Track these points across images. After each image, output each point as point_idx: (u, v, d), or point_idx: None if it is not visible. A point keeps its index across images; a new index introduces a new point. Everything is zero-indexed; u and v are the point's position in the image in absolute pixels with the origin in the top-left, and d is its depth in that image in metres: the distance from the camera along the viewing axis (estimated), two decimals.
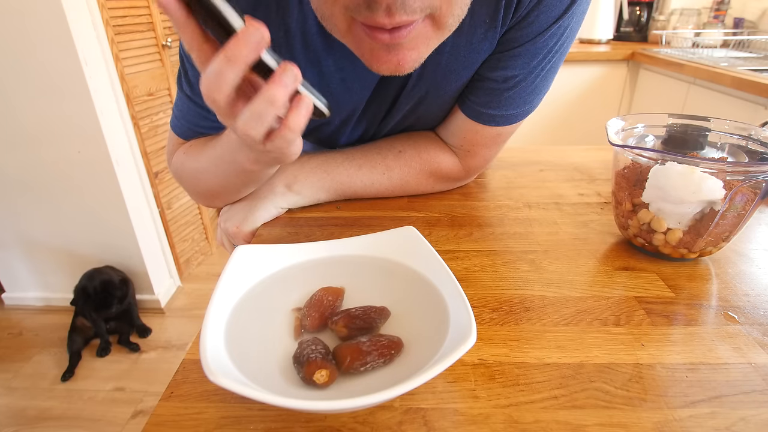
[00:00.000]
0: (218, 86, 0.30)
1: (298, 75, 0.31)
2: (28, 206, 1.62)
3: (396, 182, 0.56)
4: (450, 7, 0.34)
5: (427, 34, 0.36)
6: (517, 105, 0.50)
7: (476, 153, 0.56)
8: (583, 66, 1.97)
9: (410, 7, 0.32)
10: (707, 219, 0.39)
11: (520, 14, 0.43)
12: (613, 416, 0.27)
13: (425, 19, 0.34)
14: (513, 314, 0.36)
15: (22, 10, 1.31)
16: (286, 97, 0.31)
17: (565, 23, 0.44)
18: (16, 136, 1.50)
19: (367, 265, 0.38)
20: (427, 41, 0.36)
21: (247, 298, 0.34)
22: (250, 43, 0.28)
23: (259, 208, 0.52)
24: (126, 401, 1.43)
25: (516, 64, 0.47)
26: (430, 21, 0.35)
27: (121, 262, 1.71)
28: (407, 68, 0.37)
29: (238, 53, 0.28)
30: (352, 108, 0.53)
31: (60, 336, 1.65)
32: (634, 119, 0.48)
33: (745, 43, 1.87)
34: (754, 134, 0.44)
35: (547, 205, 0.55)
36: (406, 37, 0.34)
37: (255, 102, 0.31)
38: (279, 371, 0.30)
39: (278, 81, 0.30)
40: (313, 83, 0.49)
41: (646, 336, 0.34)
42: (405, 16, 0.32)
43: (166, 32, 1.78)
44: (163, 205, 1.82)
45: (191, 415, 0.28)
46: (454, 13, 0.35)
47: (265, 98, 0.31)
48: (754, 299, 0.38)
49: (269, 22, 0.45)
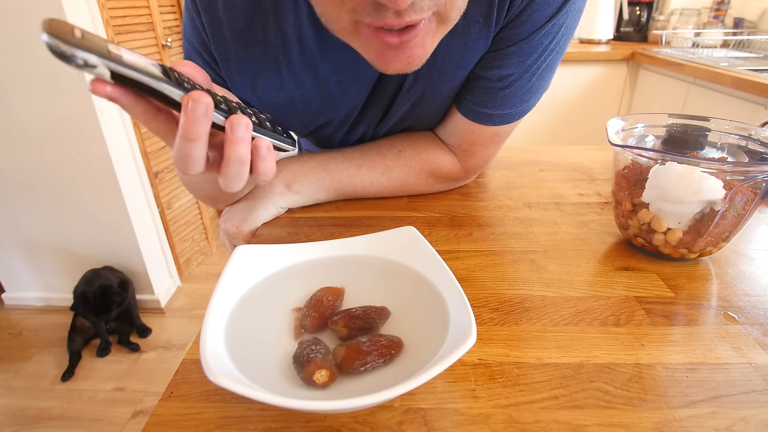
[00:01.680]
0: (191, 165, 0.31)
1: (248, 123, 0.32)
2: (28, 206, 1.62)
3: (395, 182, 0.56)
4: (453, 1, 0.34)
5: (432, 29, 0.36)
6: (513, 104, 0.50)
7: (474, 153, 0.56)
8: (583, 66, 1.97)
9: (419, 7, 0.32)
10: (707, 219, 0.39)
11: (513, 13, 0.43)
12: (613, 416, 0.27)
13: (431, 15, 0.34)
14: (513, 314, 0.36)
15: (22, 9, 1.31)
16: (248, 149, 0.32)
17: (560, 21, 0.44)
18: (16, 136, 1.50)
19: (367, 265, 0.38)
20: (433, 36, 0.37)
21: (247, 298, 0.34)
22: (198, 119, 0.29)
23: (259, 207, 0.52)
24: (126, 401, 1.43)
25: (511, 63, 0.47)
26: (436, 17, 0.35)
27: (121, 262, 1.71)
28: (416, 66, 0.37)
29: (192, 131, 0.29)
30: (350, 110, 0.53)
31: (60, 336, 1.65)
32: (634, 119, 0.48)
33: (745, 43, 1.87)
34: (754, 134, 0.44)
35: (547, 205, 0.55)
36: (414, 38, 0.34)
37: (227, 167, 0.32)
38: (279, 371, 0.30)
39: (233, 140, 0.31)
40: (310, 86, 0.49)
41: (646, 336, 0.34)
42: (414, 15, 0.32)
43: (166, 32, 1.78)
44: (163, 205, 1.82)
45: (191, 415, 0.28)
46: (458, 6, 0.35)
47: (234, 160, 0.32)
48: (754, 299, 0.38)
49: (267, 28, 0.46)
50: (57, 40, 0.24)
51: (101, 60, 0.25)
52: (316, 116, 0.53)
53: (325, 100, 0.51)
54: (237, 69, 0.49)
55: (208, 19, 0.46)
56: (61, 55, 0.24)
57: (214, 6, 0.45)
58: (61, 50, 0.24)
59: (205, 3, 0.45)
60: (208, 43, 0.48)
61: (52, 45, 0.24)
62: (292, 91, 0.50)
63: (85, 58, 0.25)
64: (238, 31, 0.46)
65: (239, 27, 0.46)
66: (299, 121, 0.55)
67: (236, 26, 0.46)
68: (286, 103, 0.51)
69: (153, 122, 0.31)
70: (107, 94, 0.28)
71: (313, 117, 0.53)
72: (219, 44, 0.47)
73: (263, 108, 0.52)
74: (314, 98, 0.51)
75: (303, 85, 0.49)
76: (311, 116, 0.53)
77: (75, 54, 0.24)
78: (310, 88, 0.49)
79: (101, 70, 0.26)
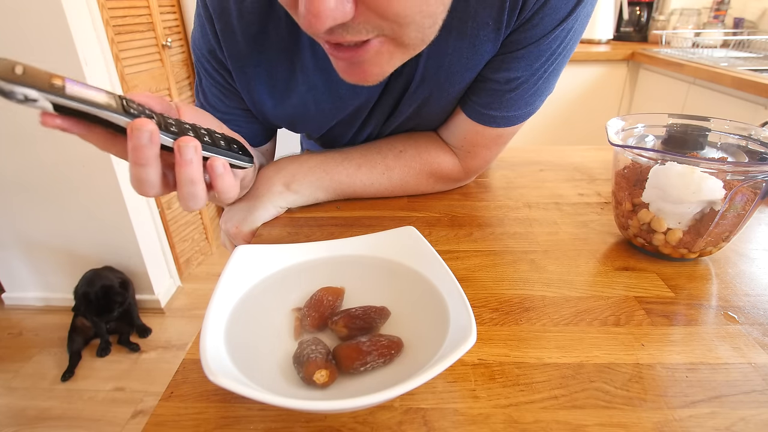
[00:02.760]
0: (146, 187, 0.33)
1: (197, 144, 0.33)
2: (28, 206, 1.62)
3: (395, 182, 0.56)
4: (403, 29, 0.33)
5: (389, 51, 0.35)
6: (518, 106, 0.50)
7: (476, 154, 0.56)
8: (583, 66, 1.97)
9: (354, 30, 0.32)
10: (707, 219, 0.39)
11: (525, 16, 0.43)
12: (613, 416, 0.27)
13: (382, 37, 0.34)
14: (513, 314, 0.36)
15: (22, 10, 1.31)
16: (198, 170, 0.33)
17: (569, 25, 0.44)
18: (16, 136, 1.49)
19: (367, 265, 0.38)
20: (390, 58, 0.36)
21: (247, 298, 0.34)
22: (144, 144, 0.30)
23: (258, 207, 0.52)
24: (126, 401, 1.43)
25: (519, 66, 0.47)
26: (390, 40, 0.34)
27: (121, 262, 1.71)
28: (371, 81, 0.38)
29: (141, 156, 0.31)
30: (360, 110, 0.53)
31: (60, 336, 1.65)
32: (634, 119, 0.48)
33: (745, 43, 1.87)
34: (754, 134, 0.44)
35: (547, 205, 0.55)
36: (363, 56, 0.35)
37: (180, 189, 0.33)
38: (279, 371, 0.30)
39: (182, 162, 0.32)
40: (322, 89, 0.50)
41: (646, 336, 0.34)
42: (349, 36, 0.32)
43: (166, 32, 1.78)
44: (163, 205, 1.82)
45: (191, 415, 0.28)
46: (410, 35, 0.34)
47: (185, 181, 0.33)
48: (754, 299, 0.38)
49: (280, 32, 0.46)
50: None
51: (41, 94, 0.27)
52: (328, 118, 0.54)
53: (337, 101, 0.51)
54: (252, 73, 0.49)
55: (222, 27, 0.47)
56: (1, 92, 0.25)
57: (227, 13, 0.46)
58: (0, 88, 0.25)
59: (219, 11, 0.46)
60: (217, 50, 0.49)
61: None
62: (305, 93, 0.50)
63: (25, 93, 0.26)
64: (252, 36, 0.47)
65: (253, 32, 0.47)
66: (314, 123, 0.55)
67: (250, 31, 0.47)
68: (299, 105, 0.52)
69: (112, 148, 0.33)
70: (56, 125, 0.29)
71: (325, 118, 0.54)
72: (232, 51, 0.48)
73: (278, 111, 0.53)
74: (326, 100, 0.51)
75: (315, 86, 0.50)
76: (324, 118, 0.54)
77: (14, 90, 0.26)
78: (322, 90, 0.50)
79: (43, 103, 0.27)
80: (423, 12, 0.32)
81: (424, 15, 0.33)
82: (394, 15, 0.31)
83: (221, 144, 0.36)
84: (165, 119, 0.33)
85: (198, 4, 0.48)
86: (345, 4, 0.29)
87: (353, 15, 0.30)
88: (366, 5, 0.30)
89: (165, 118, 0.33)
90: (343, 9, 0.29)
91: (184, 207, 0.35)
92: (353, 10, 0.30)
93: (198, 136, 0.34)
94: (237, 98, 0.53)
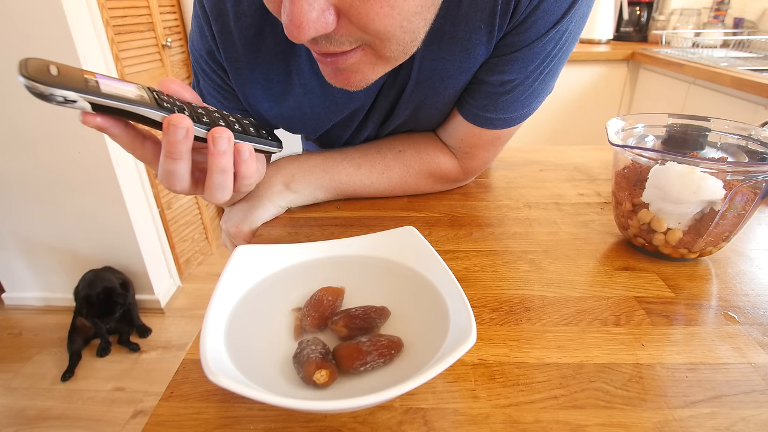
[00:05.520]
0: (176, 181, 0.33)
1: (230, 135, 0.33)
2: (28, 206, 1.62)
3: (395, 182, 0.56)
4: (384, 44, 0.34)
5: (371, 61, 0.36)
6: (514, 108, 0.50)
7: (474, 155, 0.56)
8: (583, 66, 1.97)
9: (336, 41, 0.33)
10: (707, 219, 0.39)
11: (517, 19, 0.43)
12: (613, 416, 0.27)
13: (364, 47, 0.35)
14: (513, 314, 0.36)
15: (22, 10, 1.31)
16: (230, 159, 0.34)
17: (563, 28, 0.44)
18: (16, 136, 1.50)
19: (367, 265, 0.38)
20: (372, 67, 0.37)
21: (247, 298, 0.34)
22: (179, 140, 0.31)
23: (258, 207, 0.52)
24: (126, 401, 1.43)
25: (513, 69, 0.47)
26: (372, 51, 0.35)
27: (121, 262, 1.71)
28: (355, 87, 0.39)
29: (175, 151, 0.31)
30: (356, 113, 0.53)
31: (60, 336, 1.65)
32: (634, 119, 0.48)
33: (745, 43, 1.87)
34: (754, 134, 0.44)
35: (547, 205, 0.55)
36: (344, 65, 0.35)
37: (210, 178, 0.34)
38: (279, 371, 0.30)
39: (216, 153, 0.33)
40: (318, 92, 0.50)
41: (646, 336, 0.34)
42: (331, 47, 0.33)
43: (166, 32, 1.78)
44: (163, 205, 1.82)
45: (191, 415, 0.28)
46: (391, 48, 0.35)
47: (216, 171, 0.33)
48: (754, 299, 0.38)
49: (276, 36, 0.46)
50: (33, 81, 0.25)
51: (79, 95, 0.26)
52: (323, 120, 0.54)
53: (332, 105, 0.51)
54: (248, 76, 0.50)
55: (219, 29, 0.47)
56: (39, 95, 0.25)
57: (224, 15, 0.46)
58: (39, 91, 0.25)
59: (216, 13, 0.46)
60: (215, 51, 0.49)
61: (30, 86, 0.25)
62: (301, 95, 0.51)
63: (64, 95, 0.26)
64: (249, 39, 0.47)
65: (250, 35, 0.47)
66: (309, 126, 0.55)
67: (247, 34, 0.47)
68: (295, 107, 0.52)
69: (140, 150, 0.33)
70: (97, 124, 0.29)
71: (321, 121, 0.54)
72: (229, 53, 0.48)
73: (274, 113, 0.53)
74: (321, 103, 0.51)
75: (311, 89, 0.50)
76: (319, 120, 0.54)
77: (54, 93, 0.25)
78: (318, 93, 0.50)
79: (82, 104, 0.27)
80: (404, 28, 0.33)
81: (404, 31, 0.33)
82: (374, 31, 0.32)
83: (251, 131, 0.36)
84: (195, 110, 0.33)
85: (195, 6, 0.48)
86: (327, 16, 0.30)
87: (335, 27, 0.31)
88: (348, 19, 0.31)
89: (195, 108, 0.33)
90: (325, 21, 0.30)
91: (210, 197, 0.35)
92: (335, 22, 0.31)
93: (228, 124, 0.34)
94: (234, 99, 0.53)
